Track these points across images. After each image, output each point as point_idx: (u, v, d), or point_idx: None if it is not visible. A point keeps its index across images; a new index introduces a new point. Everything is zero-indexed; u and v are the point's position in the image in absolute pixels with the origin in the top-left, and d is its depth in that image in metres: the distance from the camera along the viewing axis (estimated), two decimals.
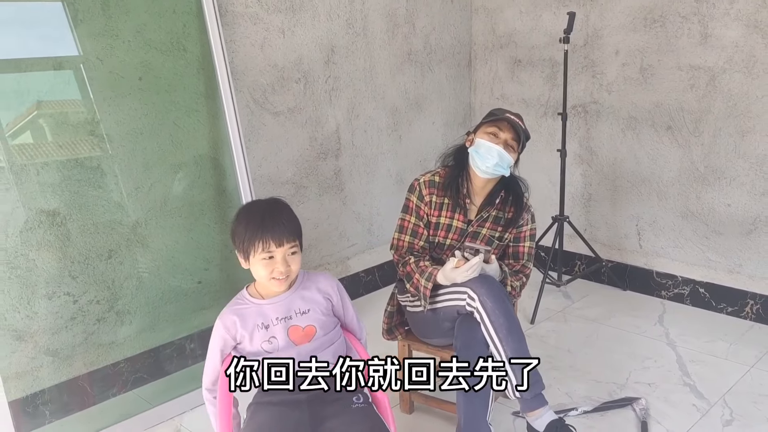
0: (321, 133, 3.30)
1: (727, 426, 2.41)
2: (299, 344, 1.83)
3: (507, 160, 2.22)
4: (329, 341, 1.88)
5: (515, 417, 2.49)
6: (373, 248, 3.68)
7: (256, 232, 1.77)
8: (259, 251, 1.77)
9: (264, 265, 1.78)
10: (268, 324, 1.82)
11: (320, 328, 1.86)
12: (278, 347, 1.81)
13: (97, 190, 2.53)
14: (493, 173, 2.25)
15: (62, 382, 2.52)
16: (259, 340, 1.82)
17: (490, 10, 3.90)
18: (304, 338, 1.83)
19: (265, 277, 1.80)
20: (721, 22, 3.04)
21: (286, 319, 1.83)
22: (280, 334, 1.81)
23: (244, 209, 1.88)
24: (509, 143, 2.22)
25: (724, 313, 3.28)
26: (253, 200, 1.95)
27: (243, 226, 1.80)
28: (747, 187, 3.11)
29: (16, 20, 2.31)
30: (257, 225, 1.77)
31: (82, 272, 2.52)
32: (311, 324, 1.84)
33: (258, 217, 1.79)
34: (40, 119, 2.40)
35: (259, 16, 2.95)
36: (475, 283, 2.11)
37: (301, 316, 1.84)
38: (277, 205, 1.86)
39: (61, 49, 2.38)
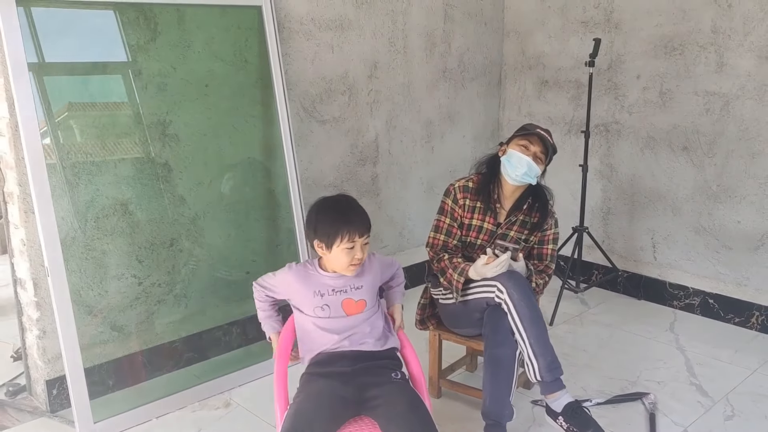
0: (361, 141, 3.58)
1: (728, 420, 2.63)
2: (350, 314, 2.09)
3: (535, 170, 2.48)
4: (374, 311, 2.15)
5: (534, 405, 2.73)
6: (403, 250, 3.94)
7: (342, 225, 2.01)
8: (345, 241, 2.01)
9: (346, 254, 2.03)
10: (324, 293, 2.08)
11: (369, 301, 2.12)
12: (330, 314, 2.08)
13: (164, 184, 2.82)
14: (522, 181, 2.51)
15: (125, 356, 2.79)
16: (312, 306, 2.08)
17: (520, 34, 4.17)
18: (356, 310, 2.10)
19: (345, 264, 2.05)
20: (735, 53, 3.29)
21: (342, 291, 2.09)
22: (333, 304, 2.08)
23: (324, 205, 2.09)
24: (538, 155, 2.48)
25: (731, 323, 3.50)
26: (328, 197, 2.15)
27: (330, 219, 2.03)
28: (756, 206, 3.34)
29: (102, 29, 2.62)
30: (343, 219, 2.02)
31: (147, 257, 2.80)
32: (363, 298, 2.11)
33: (342, 211, 2.05)
34: (120, 118, 2.69)
35: (312, 33, 3.24)
36: (503, 277, 2.36)
37: (355, 291, 2.10)
38: (353, 201, 2.11)
39: (141, 57, 2.68)
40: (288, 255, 3.19)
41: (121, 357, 2.78)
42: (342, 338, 2.07)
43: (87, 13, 2.58)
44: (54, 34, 2.49)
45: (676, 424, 2.61)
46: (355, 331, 2.08)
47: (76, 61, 2.60)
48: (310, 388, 2.03)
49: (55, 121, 2.52)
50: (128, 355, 2.81)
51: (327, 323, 2.08)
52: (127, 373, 2.81)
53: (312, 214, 2.10)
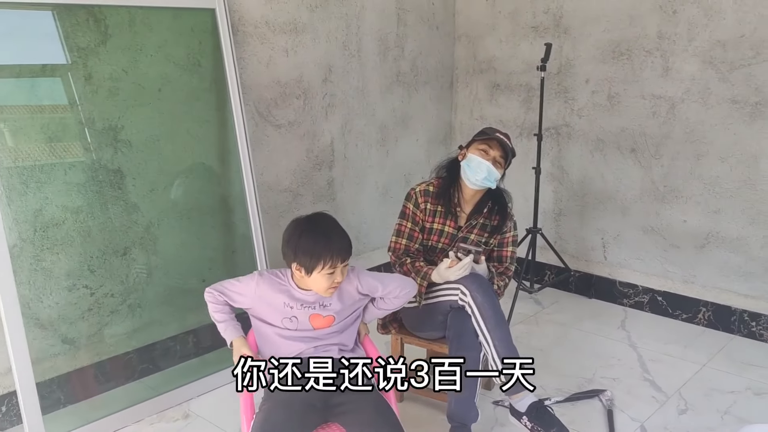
0: (317, 145, 3.56)
1: (682, 414, 2.72)
2: (317, 329, 2.07)
3: (494, 174, 2.51)
4: (343, 327, 2.13)
5: (495, 406, 2.76)
6: (360, 254, 3.93)
7: (323, 253, 1.94)
8: (326, 268, 1.96)
9: (326, 279, 1.98)
10: (293, 305, 2.05)
11: (338, 317, 2.10)
12: (297, 327, 2.05)
13: (116, 191, 2.74)
14: (482, 185, 2.53)
15: (77, 369, 2.70)
16: (280, 317, 2.05)
17: (472, 38, 4.22)
18: (323, 325, 2.08)
19: (324, 288, 2.00)
20: (680, 57, 3.40)
21: (312, 306, 2.06)
22: (302, 317, 2.05)
23: (303, 229, 2.00)
24: (497, 160, 2.51)
25: (679, 320, 3.61)
26: (306, 218, 2.06)
27: (309, 243, 1.95)
28: (701, 206, 3.46)
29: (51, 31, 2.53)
30: (324, 246, 1.94)
31: (100, 267, 2.72)
32: (331, 314, 2.09)
33: (324, 235, 1.97)
34: (69, 123, 2.60)
35: (267, 37, 3.20)
36: (467, 280, 2.38)
37: (322, 308, 2.07)
38: (332, 223, 2.03)
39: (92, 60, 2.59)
40: (244, 261, 3.15)
41: (72, 370, 2.69)
42: (305, 347, 2.06)
43: (34, 14, 2.49)
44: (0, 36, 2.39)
45: (633, 419, 2.67)
46: (321, 343, 2.07)
47: (23, 64, 2.50)
48: (277, 396, 2.00)
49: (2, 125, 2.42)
50: (80, 368, 2.72)
51: (293, 335, 2.05)
52: (80, 387, 2.72)
53: (293, 236, 2.01)
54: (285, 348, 2.07)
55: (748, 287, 3.39)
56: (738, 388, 2.92)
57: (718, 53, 3.28)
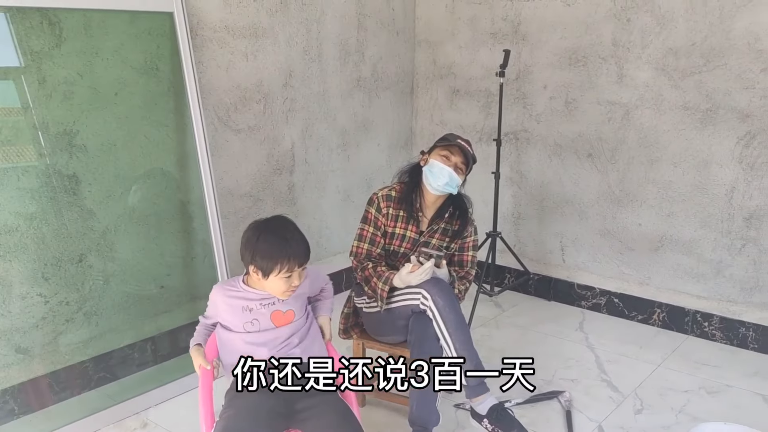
0: (277, 150, 3.54)
1: (638, 414, 2.77)
2: (279, 326, 2.06)
3: (456, 180, 2.53)
4: (303, 323, 2.13)
5: (457, 409, 2.78)
6: (321, 259, 3.92)
7: (280, 257, 1.95)
8: (283, 271, 1.97)
9: (284, 282, 1.99)
10: (252, 308, 2.05)
11: (298, 311, 2.10)
12: (259, 328, 2.05)
13: (71, 197, 2.68)
14: (443, 191, 2.55)
15: (31, 379, 2.63)
16: (242, 322, 2.04)
17: (432, 43, 4.25)
18: (285, 321, 2.07)
19: (281, 291, 2.02)
20: (634, 65, 3.48)
21: (270, 303, 2.06)
22: (262, 317, 2.05)
23: (260, 231, 2.00)
24: (459, 166, 2.54)
25: (635, 321, 3.69)
26: (265, 221, 2.06)
27: (267, 246, 1.97)
28: (655, 209, 3.55)
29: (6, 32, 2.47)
30: (280, 250, 1.95)
31: (55, 274, 2.66)
32: (291, 308, 2.09)
33: (279, 241, 1.97)
34: (23, 127, 2.54)
35: (226, 41, 3.18)
36: (428, 284, 2.40)
37: (282, 302, 2.08)
38: (291, 227, 2.04)
39: (46, 63, 2.54)
40: (204, 268, 3.12)
41: (27, 381, 2.62)
42: (269, 351, 2.05)
43: None
44: None
45: (590, 419, 2.72)
46: (284, 343, 2.06)
47: None
48: (238, 403, 1.99)
49: None
50: (35, 378, 2.65)
51: (256, 337, 2.05)
52: (35, 397, 2.65)
53: (251, 239, 2.01)
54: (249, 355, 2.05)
55: (701, 288, 3.48)
56: (692, 387, 2.99)
57: (671, 61, 3.37)
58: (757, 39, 3.12)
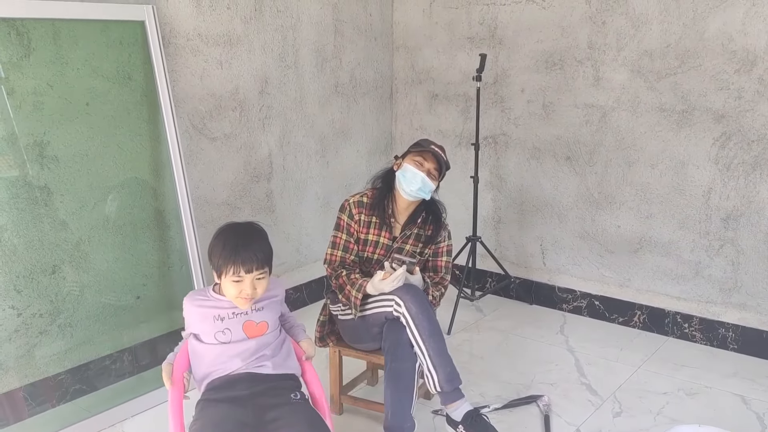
0: (254, 157, 3.53)
1: (617, 417, 2.77)
2: (252, 337, 2.05)
3: (429, 186, 2.52)
4: (277, 335, 2.12)
5: (434, 415, 2.77)
6: (301, 266, 3.91)
7: (229, 257, 1.97)
8: (230, 274, 1.98)
9: (233, 286, 2.00)
10: (223, 317, 2.03)
11: (271, 324, 2.09)
12: (231, 339, 2.03)
13: (43, 208, 2.66)
14: (416, 196, 2.55)
15: (5, 393, 2.60)
16: (213, 332, 2.02)
17: (410, 48, 4.25)
18: (257, 332, 2.06)
19: (233, 296, 2.02)
20: (610, 67, 3.49)
21: (242, 314, 2.05)
22: (234, 327, 2.03)
23: (223, 231, 2.05)
24: (432, 172, 2.53)
25: (616, 323, 3.70)
26: (234, 223, 2.10)
27: (220, 248, 1.99)
28: (634, 212, 3.55)
29: None
30: (231, 250, 1.97)
31: (27, 286, 2.63)
32: (264, 320, 2.07)
33: (233, 242, 1.99)
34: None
35: (199, 49, 3.17)
36: (401, 291, 2.39)
37: (255, 313, 2.07)
38: (253, 232, 2.05)
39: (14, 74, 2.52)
40: (180, 277, 3.10)
41: (0, 394, 2.59)
42: (241, 362, 2.03)
43: None
44: None
45: (569, 423, 2.72)
46: (257, 355, 2.05)
47: None
48: (208, 414, 1.97)
49: None
50: (9, 391, 2.62)
51: (228, 348, 2.03)
52: (9, 410, 2.62)
53: (212, 239, 2.05)
54: (219, 366, 2.04)
55: (680, 290, 3.49)
56: (670, 389, 2.99)
57: (646, 63, 3.38)
58: (730, 40, 3.13)
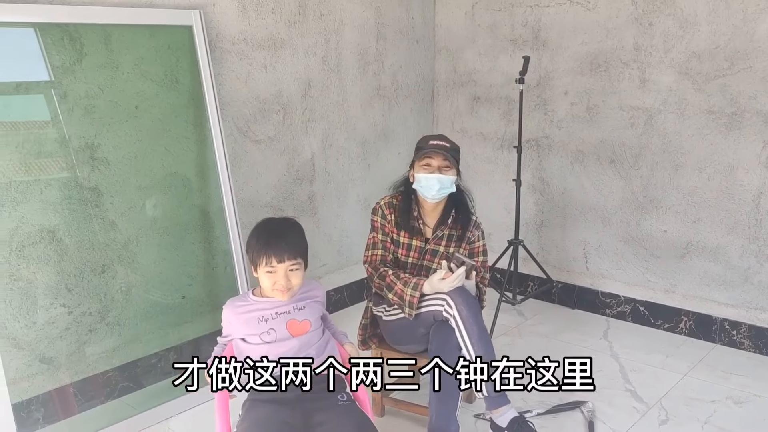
0: (297, 160, 3.56)
1: (663, 425, 2.72)
2: (296, 336, 2.07)
3: (447, 180, 2.51)
4: (320, 334, 2.14)
5: (477, 419, 2.75)
6: (342, 269, 3.93)
7: (262, 248, 2.04)
8: (263, 264, 2.04)
9: (268, 277, 2.06)
10: (267, 317, 2.07)
11: (314, 323, 2.12)
12: (276, 338, 2.05)
13: (93, 209, 2.73)
14: (441, 196, 2.54)
15: (55, 389, 2.67)
16: (258, 332, 2.05)
17: (451, 51, 4.25)
18: (300, 330, 2.08)
19: (268, 288, 2.08)
20: (657, 69, 3.43)
21: (285, 313, 2.08)
22: (278, 326, 2.06)
23: (259, 225, 2.13)
24: (443, 167, 2.51)
25: (661, 329, 3.63)
26: (270, 218, 2.19)
27: (254, 240, 2.07)
28: (681, 216, 3.49)
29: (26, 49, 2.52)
30: (264, 242, 2.05)
31: (77, 285, 2.70)
32: (307, 318, 2.10)
33: (266, 234, 2.07)
34: (45, 142, 2.59)
35: (245, 53, 3.21)
36: (453, 293, 2.38)
37: (297, 312, 2.10)
38: (287, 225, 2.13)
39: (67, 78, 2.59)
40: (224, 277, 3.14)
41: (51, 390, 2.66)
42: None
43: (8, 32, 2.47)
44: None
45: (613, 430, 2.68)
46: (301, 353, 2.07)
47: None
48: (254, 415, 1.99)
49: None
50: (59, 387, 2.69)
51: (273, 348, 2.05)
52: (59, 406, 2.69)
53: (250, 234, 2.12)
54: None
55: (728, 296, 3.41)
56: (718, 397, 2.93)
57: (694, 64, 3.31)
58: None
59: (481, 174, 4.23)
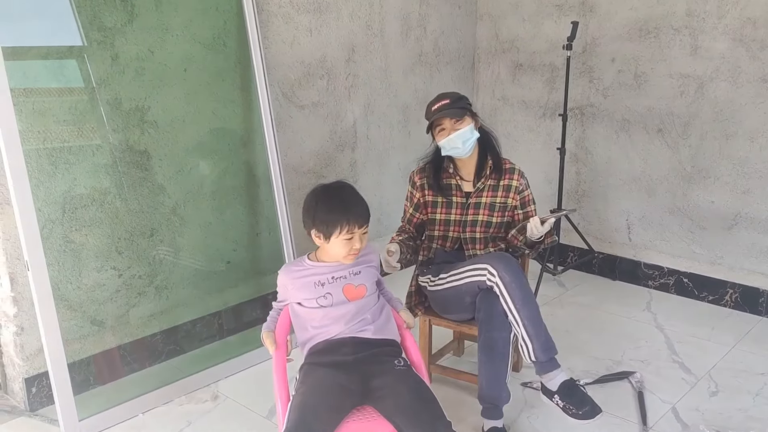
0: (340, 126, 3.53)
1: (713, 396, 2.69)
2: (352, 300, 2.06)
3: (465, 133, 2.48)
4: (375, 299, 2.12)
5: (524, 387, 2.74)
6: (381, 236, 3.91)
7: (341, 217, 1.98)
8: (343, 233, 1.99)
9: (344, 245, 2.01)
10: (324, 282, 2.05)
11: (369, 288, 2.10)
12: (332, 302, 2.04)
13: (143, 172, 2.72)
14: (468, 149, 2.52)
15: (106, 350, 2.70)
16: (315, 297, 2.04)
17: (494, 17, 4.16)
18: (357, 295, 2.07)
19: (344, 254, 2.03)
20: (710, 36, 3.34)
21: (342, 278, 2.06)
22: (335, 291, 2.04)
23: (322, 194, 2.05)
24: (455, 125, 2.48)
25: (705, 302, 3.58)
26: (325, 185, 2.10)
27: (326, 210, 2.00)
28: (729, 186, 3.42)
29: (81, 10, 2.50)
30: (342, 210, 1.98)
31: (127, 248, 2.71)
32: (363, 283, 2.08)
33: (340, 201, 2.01)
34: (96, 104, 2.58)
35: (291, 16, 3.17)
36: (494, 260, 2.35)
37: (354, 276, 2.08)
38: (351, 190, 2.08)
39: (118, 40, 2.57)
40: (269, 243, 3.14)
41: (101, 351, 2.69)
42: (343, 326, 2.04)
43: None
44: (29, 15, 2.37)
45: (663, 401, 2.65)
46: (357, 318, 2.05)
47: (50, 45, 2.47)
48: (313, 378, 1.98)
49: (31, 107, 2.40)
50: (109, 349, 2.72)
51: (330, 312, 2.04)
52: (109, 368, 2.73)
53: (311, 203, 2.05)
54: (323, 330, 2.06)
55: None
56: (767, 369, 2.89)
57: (749, 31, 3.22)
58: None
59: (522, 143, 4.17)
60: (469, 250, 2.59)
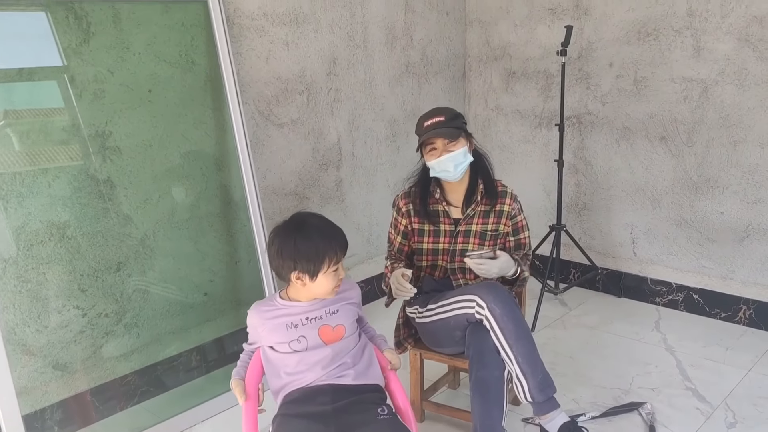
0: (323, 144, 3.33)
1: (732, 428, 2.47)
2: (329, 343, 1.85)
3: (458, 156, 2.27)
4: (356, 340, 1.92)
5: (525, 423, 2.53)
6: (371, 258, 3.70)
7: (327, 247, 1.81)
8: (331, 265, 1.82)
9: (332, 277, 1.85)
10: (297, 324, 1.85)
11: (349, 328, 1.90)
12: (307, 346, 1.84)
13: (106, 203, 2.53)
14: (460, 174, 2.31)
15: (70, 397, 2.50)
16: (288, 340, 1.84)
17: (484, 23, 3.97)
18: (334, 337, 1.87)
19: (331, 288, 1.86)
20: (713, 36, 3.14)
21: (317, 319, 1.86)
22: (310, 333, 1.84)
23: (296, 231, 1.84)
24: (448, 146, 2.27)
25: (717, 319, 3.36)
26: (290, 221, 1.89)
27: (308, 246, 1.81)
28: (739, 196, 3.20)
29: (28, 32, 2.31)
30: (325, 242, 1.82)
31: (91, 285, 2.51)
32: (341, 324, 1.88)
33: (319, 232, 1.83)
34: (52, 130, 2.38)
35: (265, 29, 2.97)
36: (482, 291, 2.15)
37: (330, 316, 1.88)
38: (322, 217, 1.91)
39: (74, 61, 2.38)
40: (249, 271, 2.94)
41: (66, 398, 2.49)
42: (320, 372, 1.84)
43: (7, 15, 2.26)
44: None
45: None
46: (336, 362, 1.85)
47: None
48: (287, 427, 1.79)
49: None
50: (75, 395, 2.52)
51: (305, 357, 1.84)
52: (76, 414, 2.53)
53: (287, 243, 1.83)
54: (296, 376, 1.86)
55: None
56: None
57: (755, 30, 3.02)
58: None
59: (517, 154, 3.96)
60: (458, 280, 2.38)
